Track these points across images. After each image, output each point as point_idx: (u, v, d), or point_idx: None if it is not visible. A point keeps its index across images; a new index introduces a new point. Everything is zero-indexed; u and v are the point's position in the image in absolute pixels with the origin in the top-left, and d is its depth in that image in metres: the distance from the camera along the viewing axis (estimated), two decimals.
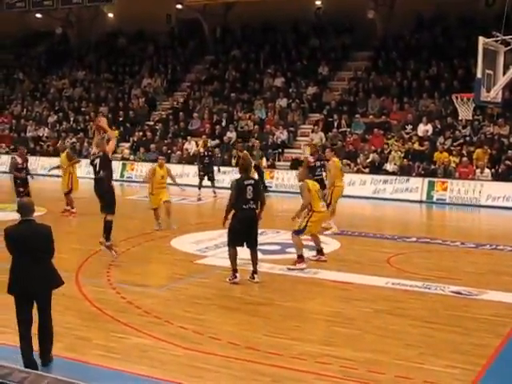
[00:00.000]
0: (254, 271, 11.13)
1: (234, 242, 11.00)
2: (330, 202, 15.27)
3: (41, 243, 7.18)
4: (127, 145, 29.45)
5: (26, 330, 7.20)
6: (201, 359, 7.73)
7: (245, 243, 11.00)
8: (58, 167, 18.89)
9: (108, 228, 12.30)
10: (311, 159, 16.98)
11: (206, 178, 22.12)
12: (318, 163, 16.89)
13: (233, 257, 11.03)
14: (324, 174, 16.79)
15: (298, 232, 12.10)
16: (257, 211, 10.99)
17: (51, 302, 7.41)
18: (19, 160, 17.52)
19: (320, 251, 12.78)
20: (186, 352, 7.94)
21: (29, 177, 17.72)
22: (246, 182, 10.92)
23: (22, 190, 17.09)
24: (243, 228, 10.87)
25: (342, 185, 16.32)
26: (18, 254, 7.15)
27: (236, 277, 10.97)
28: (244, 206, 10.80)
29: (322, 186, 16.70)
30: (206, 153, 22.37)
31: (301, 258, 12.04)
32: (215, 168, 22.70)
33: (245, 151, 19.84)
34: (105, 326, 8.80)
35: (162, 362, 7.61)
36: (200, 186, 21.91)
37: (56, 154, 29.61)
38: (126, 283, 10.96)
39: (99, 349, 7.91)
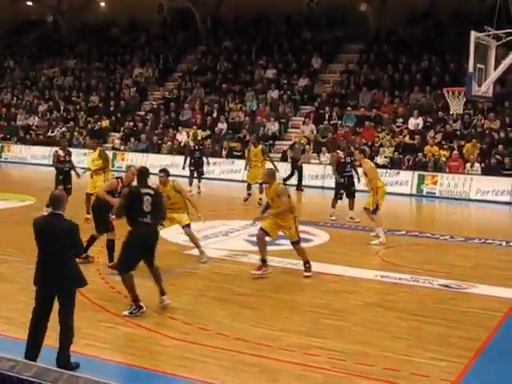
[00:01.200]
0: (162, 292, 9.15)
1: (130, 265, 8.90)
2: (377, 207, 13.99)
3: (63, 239, 6.93)
4: (118, 135, 29.37)
5: (35, 325, 7.03)
6: (189, 349, 7.74)
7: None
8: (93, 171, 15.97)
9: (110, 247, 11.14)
10: (341, 155, 16.36)
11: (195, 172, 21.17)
12: (348, 159, 16.38)
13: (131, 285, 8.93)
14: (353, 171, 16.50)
15: (299, 242, 11.14)
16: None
17: (73, 302, 7.10)
18: (61, 153, 16.44)
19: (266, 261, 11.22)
20: (174, 342, 7.94)
21: (73, 173, 16.43)
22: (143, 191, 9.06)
23: (62, 187, 15.53)
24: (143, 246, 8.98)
25: (382, 184, 14.71)
26: (41, 247, 7.03)
27: (142, 307, 8.86)
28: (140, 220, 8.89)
29: (351, 183, 16.46)
30: (196, 147, 21.52)
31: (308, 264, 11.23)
32: (205, 161, 21.52)
33: None
34: (93, 315, 8.78)
35: (150, 352, 7.61)
36: (191, 182, 20.97)
37: (48, 143, 29.63)
38: (115, 273, 10.91)
39: (88, 338, 7.89)
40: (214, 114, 28.38)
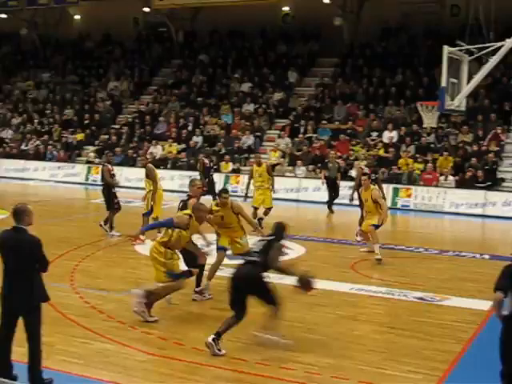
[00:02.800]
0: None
1: None
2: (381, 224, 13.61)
3: (24, 254, 6.79)
4: (92, 148, 29.22)
5: (1, 343, 6.91)
6: (165, 365, 7.70)
7: None
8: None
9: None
10: (367, 171, 15.47)
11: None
12: (373, 176, 15.49)
13: None
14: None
15: None
16: None
17: (39, 318, 6.92)
18: (110, 167, 15.93)
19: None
20: (149, 357, 7.89)
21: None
22: None
23: (116, 201, 15.58)
24: None
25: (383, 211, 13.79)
26: (3, 261, 6.91)
27: None
28: None
29: None
30: (211, 164, 19.79)
31: None
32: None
33: None
34: (67, 330, 8.70)
35: (125, 368, 7.56)
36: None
37: (21, 156, 29.48)
38: (90, 288, 10.87)
39: (61, 354, 7.82)
40: (190, 128, 28.37)
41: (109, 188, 15.72)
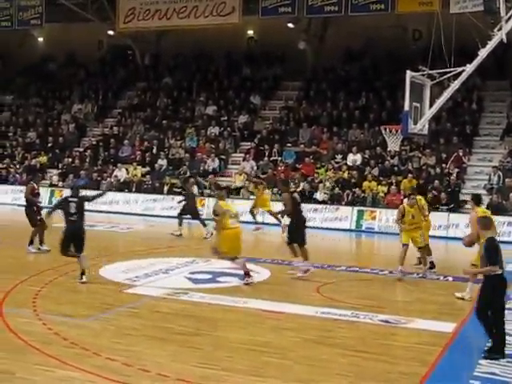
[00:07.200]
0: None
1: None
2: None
3: None
4: (56, 171, 28.95)
5: None
6: None
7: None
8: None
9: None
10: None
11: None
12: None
13: None
14: None
15: None
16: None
17: None
18: (35, 185, 16.53)
19: None
20: None
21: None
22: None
23: (39, 217, 15.96)
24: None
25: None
26: None
27: None
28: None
29: None
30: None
31: None
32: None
33: None
34: (29, 358, 8.52)
35: None
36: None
37: None
38: (53, 313, 10.68)
39: (23, 383, 7.66)
40: (154, 151, 28.29)
41: (30, 206, 16.33)
